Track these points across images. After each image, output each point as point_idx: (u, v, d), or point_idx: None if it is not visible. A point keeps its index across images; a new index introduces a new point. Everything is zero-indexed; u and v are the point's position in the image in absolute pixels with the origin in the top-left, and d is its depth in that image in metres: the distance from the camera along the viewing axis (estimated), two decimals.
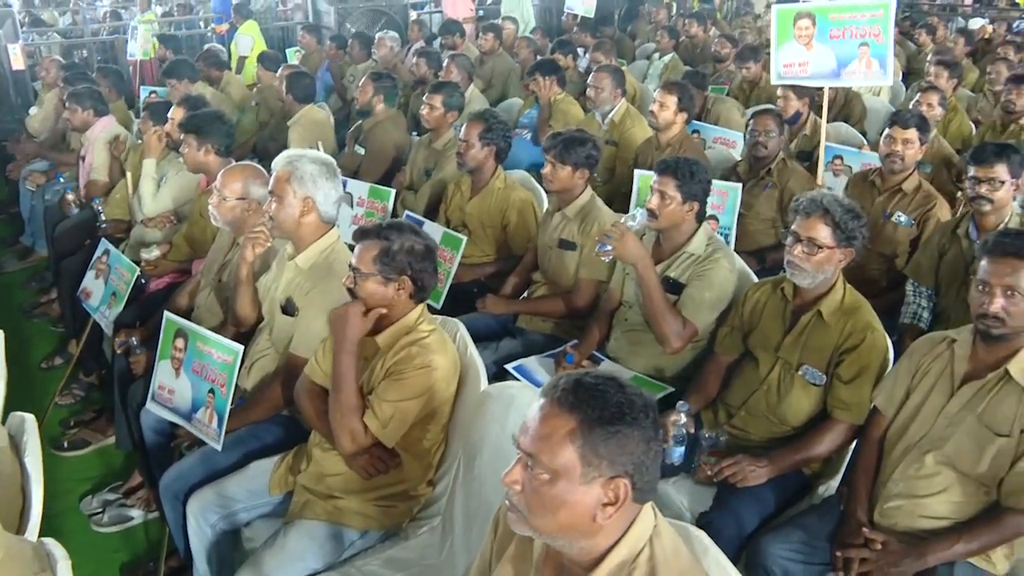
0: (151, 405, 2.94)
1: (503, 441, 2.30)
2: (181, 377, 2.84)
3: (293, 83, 5.49)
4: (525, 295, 3.77)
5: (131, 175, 4.53)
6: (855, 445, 2.64)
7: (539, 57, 7.14)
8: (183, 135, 3.83)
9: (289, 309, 2.86)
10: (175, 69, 6.16)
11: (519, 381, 2.96)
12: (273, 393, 2.86)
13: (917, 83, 6.02)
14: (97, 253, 3.98)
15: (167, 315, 2.96)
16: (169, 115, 4.38)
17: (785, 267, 2.71)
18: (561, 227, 3.54)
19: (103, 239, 4.08)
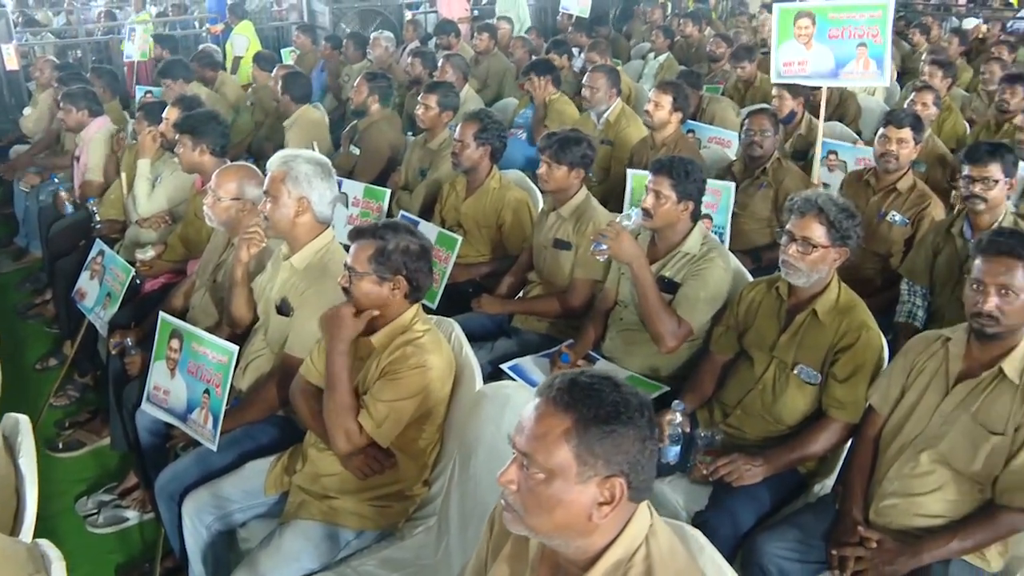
0: (146, 406, 2.94)
1: (498, 441, 2.30)
2: (176, 378, 2.84)
3: (290, 83, 5.47)
4: (520, 295, 3.77)
5: (126, 175, 4.52)
6: (850, 444, 2.64)
7: (534, 57, 7.15)
8: (178, 135, 3.82)
9: (284, 309, 2.86)
10: (170, 69, 6.16)
11: (514, 381, 2.96)
12: (268, 393, 2.85)
13: (912, 83, 6.04)
14: (92, 254, 3.97)
15: (162, 316, 2.96)
16: (164, 115, 4.37)
17: (780, 266, 2.71)
18: (556, 227, 3.54)
19: (98, 240, 4.08)
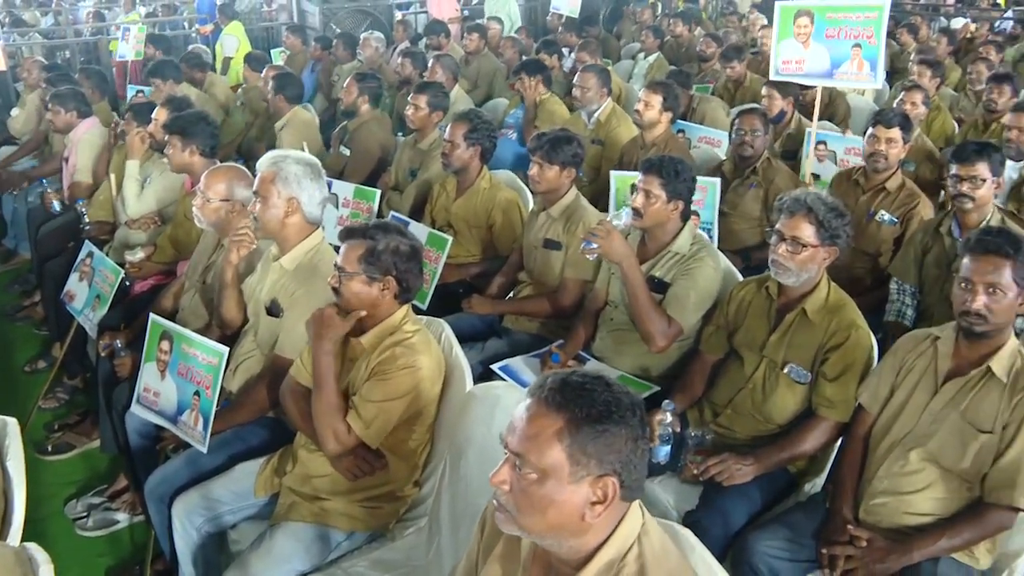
0: (136, 408, 2.92)
1: (489, 441, 2.30)
2: (166, 379, 2.83)
3: (283, 84, 5.43)
4: (511, 295, 3.77)
5: (115, 176, 4.50)
6: (840, 443, 2.66)
7: (524, 57, 7.15)
8: (168, 136, 3.80)
9: (274, 310, 2.85)
10: (160, 70, 6.13)
11: (505, 381, 2.96)
12: (258, 395, 2.85)
13: (901, 82, 6.06)
14: (81, 255, 3.96)
15: (152, 317, 2.95)
16: (153, 116, 4.36)
17: (769, 266, 2.71)
18: (546, 227, 3.54)
19: (87, 241, 4.06)
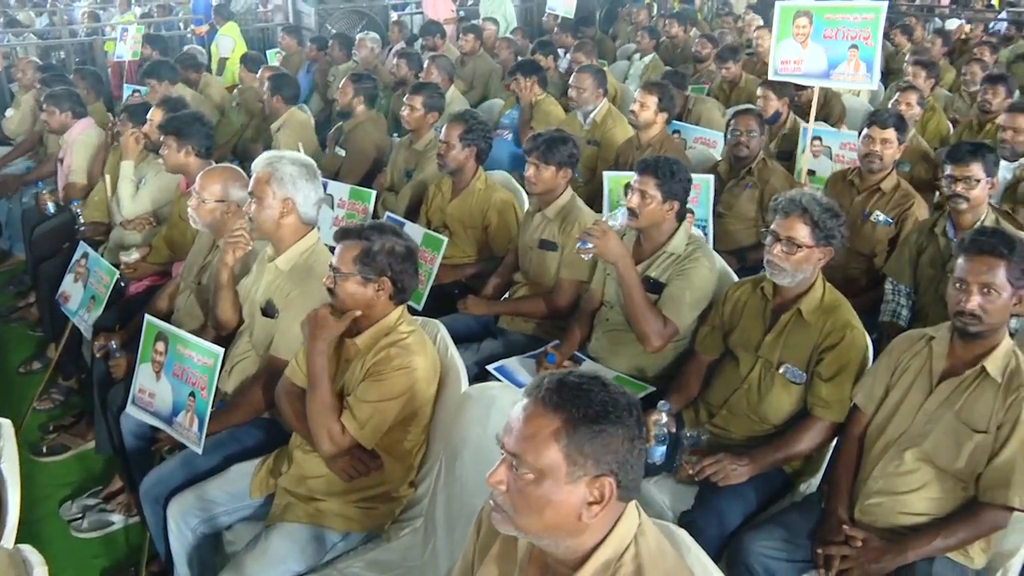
0: (131, 409, 2.92)
1: (484, 442, 2.30)
2: (161, 380, 2.83)
3: (280, 85, 5.42)
4: (506, 296, 3.77)
5: (110, 177, 4.49)
6: (835, 443, 2.66)
7: (520, 58, 7.15)
8: (163, 137, 3.80)
9: (269, 311, 2.85)
10: (155, 70, 6.12)
11: (500, 382, 2.95)
12: (254, 396, 2.84)
13: (896, 83, 6.08)
14: (76, 256, 3.95)
15: (148, 318, 2.95)
16: (148, 117, 4.35)
17: (765, 266, 2.72)
18: (542, 227, 3.54)
19: (82, 242, 4.05)
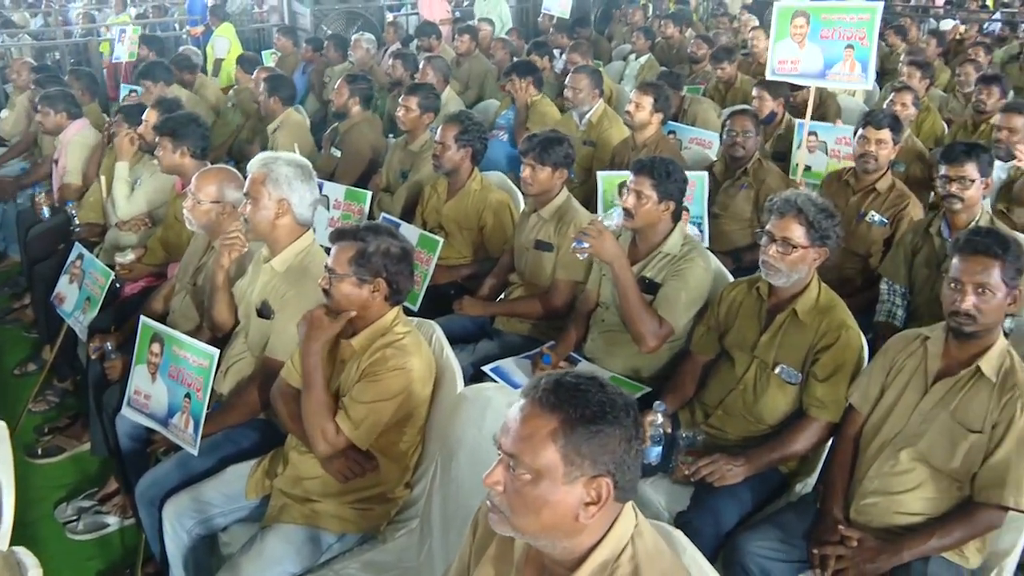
0: (127, 410, 2.91)
1: (480, 443, 2.30)
2: (157, 382, 2.82)
3: (277, 86, 5.41)
4: (502, 296, 3.77)
5: (105, 178, 4.49)
6: (831, 443, 2.66)
7: (515, 58, 7.15)
8: (158, 137, 3.79)
9: (265, 312, 2.85)
10: (150, 71, 6.10)
11: (496, 383, 2.95)
12: (249, 397, 2.84)
13: (891, 83, 6.08)
14: (71, 257, 3.94)
15: (143, 320, 2.94)
16: (144, 117, 4.34)
17: (760, 267, 2.72)
18: (537, 228, 3.54)
19: (77, 243, 4.05)
